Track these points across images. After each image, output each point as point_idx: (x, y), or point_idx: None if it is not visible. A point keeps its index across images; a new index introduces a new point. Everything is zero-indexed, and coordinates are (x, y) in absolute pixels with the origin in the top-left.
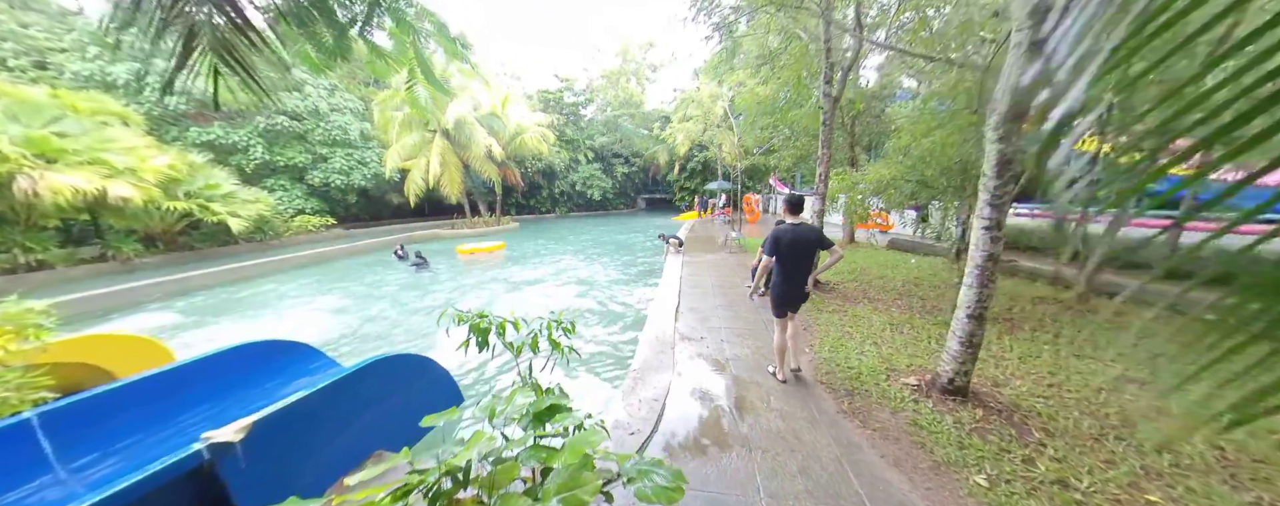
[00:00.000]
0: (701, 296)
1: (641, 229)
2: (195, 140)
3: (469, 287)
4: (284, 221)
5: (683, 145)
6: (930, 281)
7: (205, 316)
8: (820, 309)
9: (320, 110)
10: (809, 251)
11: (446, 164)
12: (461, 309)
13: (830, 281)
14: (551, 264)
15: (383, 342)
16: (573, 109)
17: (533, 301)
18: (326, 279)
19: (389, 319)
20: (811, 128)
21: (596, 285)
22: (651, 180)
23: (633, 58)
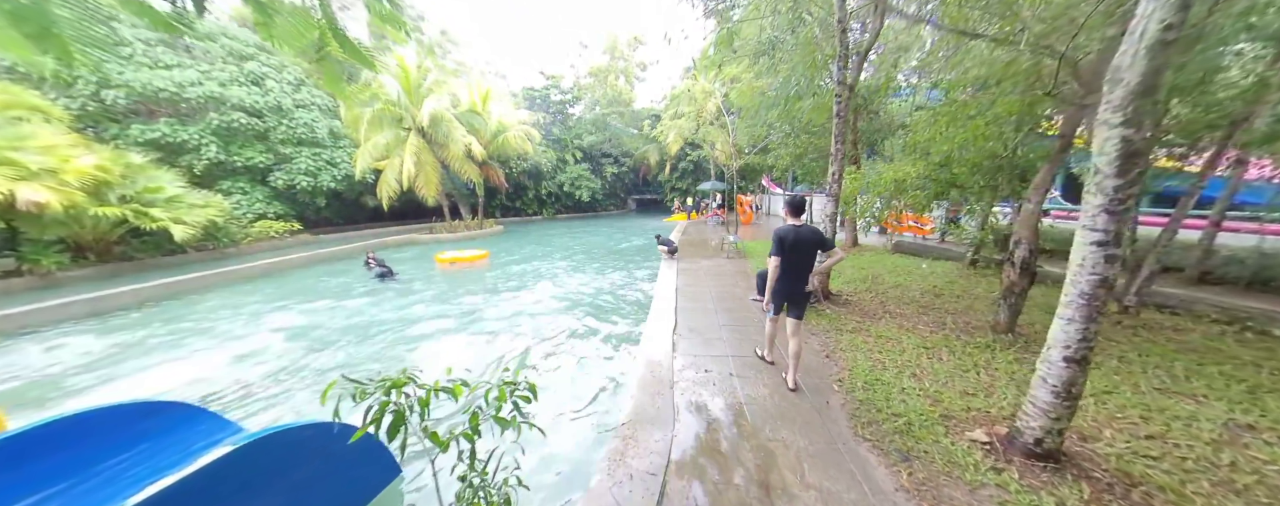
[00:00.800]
0: (702, 312)
1: (635, 232)
2: (138, 138)
3: (435, 304)
4: (241, 227)
5: (674, 144)
6: (951, 291)
7: (117, 346)
8: (839, 328)
9: (283, 106)
10: (810, 252)
11: (422, 164)
12: (354, 379)
13: (842, 292)
14: (537, 276)
15: (312, 388)
16: (560, 107)
17: (512, 327)
18: (280, 293)
19: (336, 346)
20: (814, 123)
21: (587, 303)
22: (642, 180)
23: (621, 54)
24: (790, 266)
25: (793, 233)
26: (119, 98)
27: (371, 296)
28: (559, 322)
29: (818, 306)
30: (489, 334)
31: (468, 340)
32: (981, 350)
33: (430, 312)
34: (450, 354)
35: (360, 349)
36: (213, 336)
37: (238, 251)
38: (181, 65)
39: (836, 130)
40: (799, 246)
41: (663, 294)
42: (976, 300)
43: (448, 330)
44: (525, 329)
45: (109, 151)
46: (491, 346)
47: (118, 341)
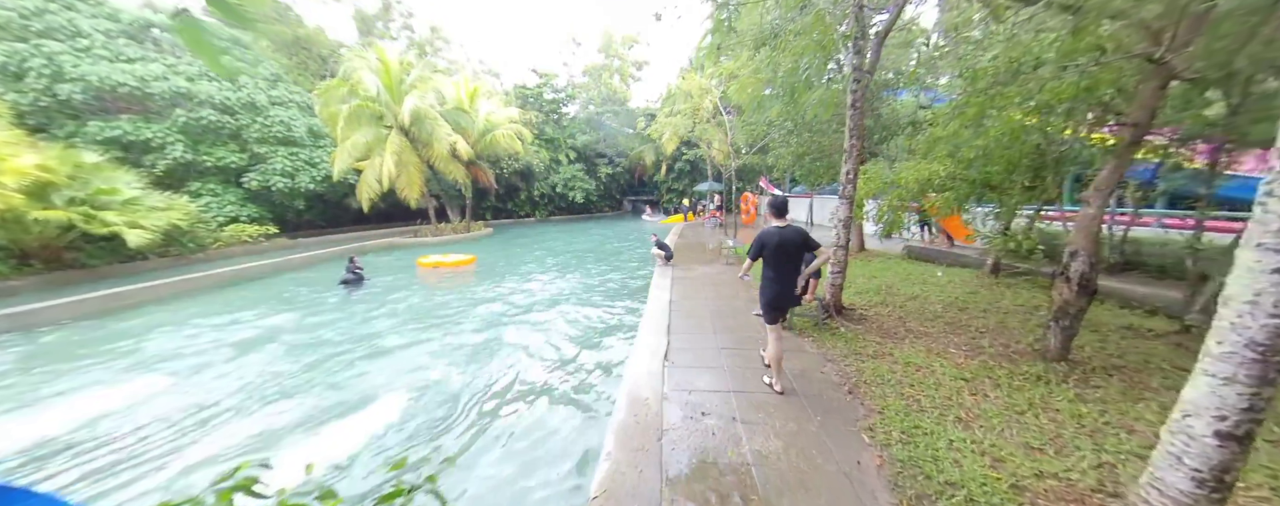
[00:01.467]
0: (698, 331)
1: (631, 235)
2: (96, 136)
3: (401, 318)
4: (210, 231)
5: (670, 143)
6: (975, 304)
7: (18, 369)
8: (859, 351)
9: (258, 103)
10: (796, 254)
11: (404, 164)
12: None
13: (856, 305)
14: (520, 285)
15: (208, 444)
16: (553, 106)
17: (477, 354)
18: (233, 306)
19: (260, 383)
20: (819, 119)
21: (570, 319)
22: (638, 181)
23: (616, 53)
24: (779, 270)
25: (776, 235)
26: (75, 92)
27: (335, 309)
28: (533, 345)
29: (830, 323)
30: (449, 360)
31: (418, 372)
32: (1032, 383)
33: (389, 329)
34: (392, 393)
35: (293, 380)
36: (133, 361)
37: (206, 257)
38: (146, 59)
39: (851, 123)
40: (784, 249)
41: (654, 309)
42: (1007, 315)
43: (399, 357)
44: (492, 355)
45: (57, 150)
46: (446, 382)
47: (20, 366)
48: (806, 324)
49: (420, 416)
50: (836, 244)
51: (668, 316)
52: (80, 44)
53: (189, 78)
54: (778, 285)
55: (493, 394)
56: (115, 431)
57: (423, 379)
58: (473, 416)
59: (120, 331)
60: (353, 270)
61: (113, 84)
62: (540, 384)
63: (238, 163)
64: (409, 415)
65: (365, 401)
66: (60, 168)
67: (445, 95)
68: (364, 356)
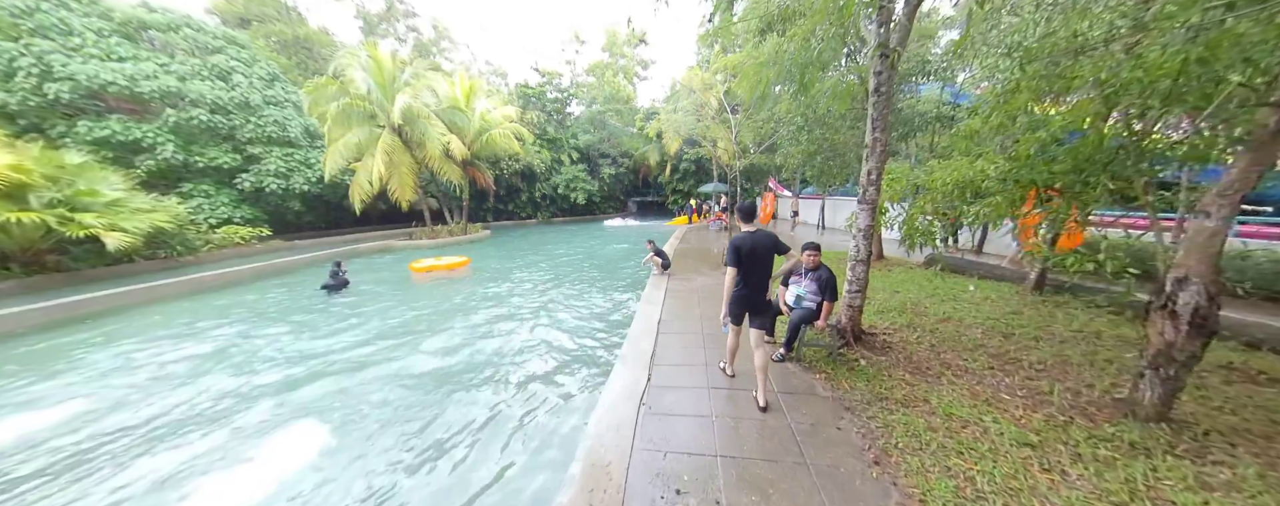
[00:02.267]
0: (687, 362)
1: (634, 238)
2: (86, 136)
3: (371, 330)
4: (200, 233)
5: (673, 142)
6: (1022, 329)
7: None
8: (884, 395)
9: (252, 103)
10: (767, 257)
11: (396, 164)
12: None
13: (877, 328)
14: (511, 292)
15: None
16: (557, 106)
17: (440, 381)
18: (203, 313)
19: (173, 417)
20: (831, 115)
21: (553, 343)
22: (643, 182)
23: (620, 51)
24: (749, 275)
25: (748, 240)
26: (62, 92)
27: (297, 322)
28: (497, 375)
29: (848, 354)
30: (405, 384)
31: (365, 402)
32: (1127, 455)
33: (342, 348)
34: (286, 442)
35: (217, 405)
36: (54, 384)
37: (196, 260)
38: (137, 58)
39: (874, 113)
40: (756, 253)
41: (639, 331)
42: (1064, 345)
43: (351, 379)
44: (440, 387)
45: (37, 150)
46: (392, 423)
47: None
48: (819, 355)
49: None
50: (855, 258)
51: (654, 341)
52: (71, 43)
53: (180, 77)
54: (749, 290)
55: (420, 448)
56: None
57: (338, 419)
58: (380, 477)
59: (64, 345)
60: (332, 276)
61: (101, 83)
62: (484, 436)
63: (230, 163)
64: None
65: (293, 436)
66: (38, 168)
67: (440, 93)
68: (318, 373)
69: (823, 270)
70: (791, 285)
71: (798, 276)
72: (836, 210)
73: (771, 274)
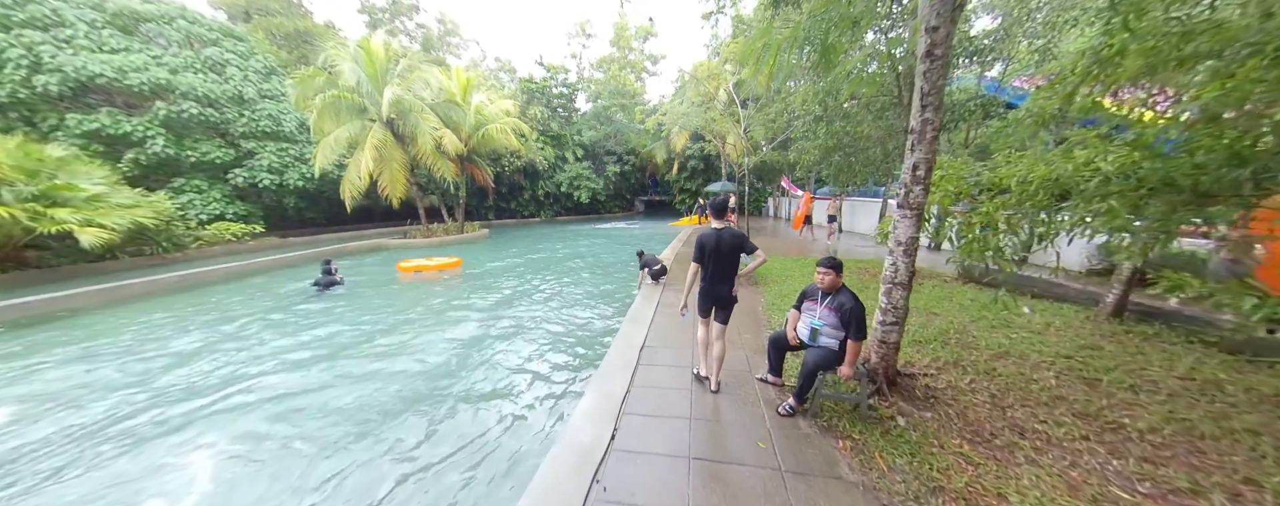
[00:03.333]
0: (665, 410)
1: (637, 240)
2: (75, 130)
3: (326, 340)
4: (189, 230)
5: (680, 138)
6: (1110, 373)
7: None
8: (936, 484)
9: (246, 97)
10: (732, 255)
11: (386, 160)
12: None
13: (915, 367)
14: (497, 301)
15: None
16: (562, 101)
17: (389, 413)
18: (159, 319)
19: (69, 431)
20: (855, 105)
21: (532, 360)
22: (650, 180)
23: (628, 45)
24: (713, 270)
25: (714, 237)
26: (51, 84)
27: (254, 331)
28: (447, 408)
29: (880, 408)
30: (319, 415)
31: (270, 437)
32: None
33: (290, 363)
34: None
35: (93, 436)
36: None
37: (185, 257)
38: (129, 49)
39: (924, 85)
40: (720, 251)
41: (614, 363)
42: (1176, 399)
43: (275, 407)
44: (375, 424)
45: (13, 143)
46: (266, 476)
47: None
48: (842, 410)
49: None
50: (891, 280)
51: (630, 377)
52: (63, 34)
53: (172, 69)
54: (714, 286)
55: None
56: None
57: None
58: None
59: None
60: (324, 274)
61: (89, 75)
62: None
63: (223, 158)
64: None
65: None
66: (15, 162)
67: (434, 86)
68: (238, 397)
69: (844, 295)
70: (804, 311)
71: (812, 301)
72: (853, 213)
73: (736, 272)
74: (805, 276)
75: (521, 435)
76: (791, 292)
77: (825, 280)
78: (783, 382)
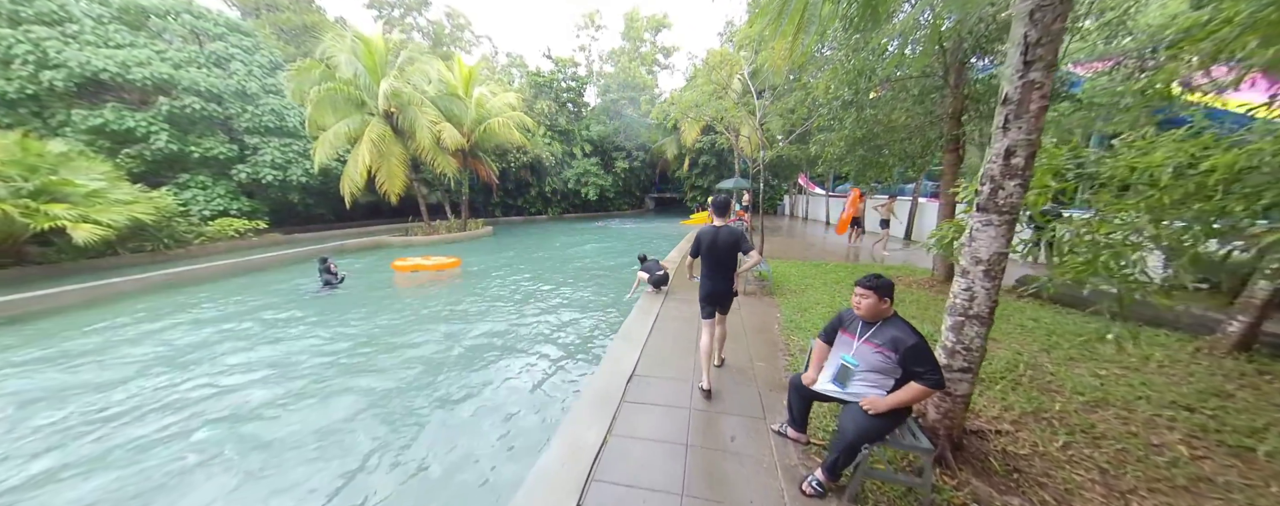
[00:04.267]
0: (658, 482)
1: (644, 240)
2: (80, 125)
3: (284, 350)
4: (192, 226)
5: (691, 130)
6: (1258, 432)
7: None
8: None
9: (249, 91)
10: (729, 253)
11: (385, 155)
12: None
13: (980, 417)
14: (492, 308)
15: None
16: (571, 96)
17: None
18: (121, 325)
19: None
20: (888, 94)
21: (525, 367)
22: (660, 177)
23: (639, 36)
24: (712, 267)
25: (711, 234)
26: (56, 79)
27: (223, 335)
28: (393, 455)
29: (945, 488)
30: (264, 445)
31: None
32: None
33: (251, 381)
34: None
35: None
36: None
37: (187, 253)
38: (134, 44)
39: (1031, 33)
40: (717, 247)
41: (596, 394)
42: None
43: (212, 433)
44: (300, 472)
45: (13, 138)
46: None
47: None
48: (893, 495)
49: None
50: (965, 311)
51: (609, 422)
52: (69, 29)
53: (175, 64)
54: (711, 282)
55: None
56: None
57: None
58: None
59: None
60: (327, 272)
61: (93, 70)
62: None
63: (226, 154)
64: None
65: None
66: (13, 157)
67: (433, 77)
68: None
69: (896, 327)
70: (837, 345)
71: (847, 333)
72: (920, 217)
73: (734, 270)
74: (828, 284)
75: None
76: (814, 306)
77: (865, 304)
78: (807, 439)
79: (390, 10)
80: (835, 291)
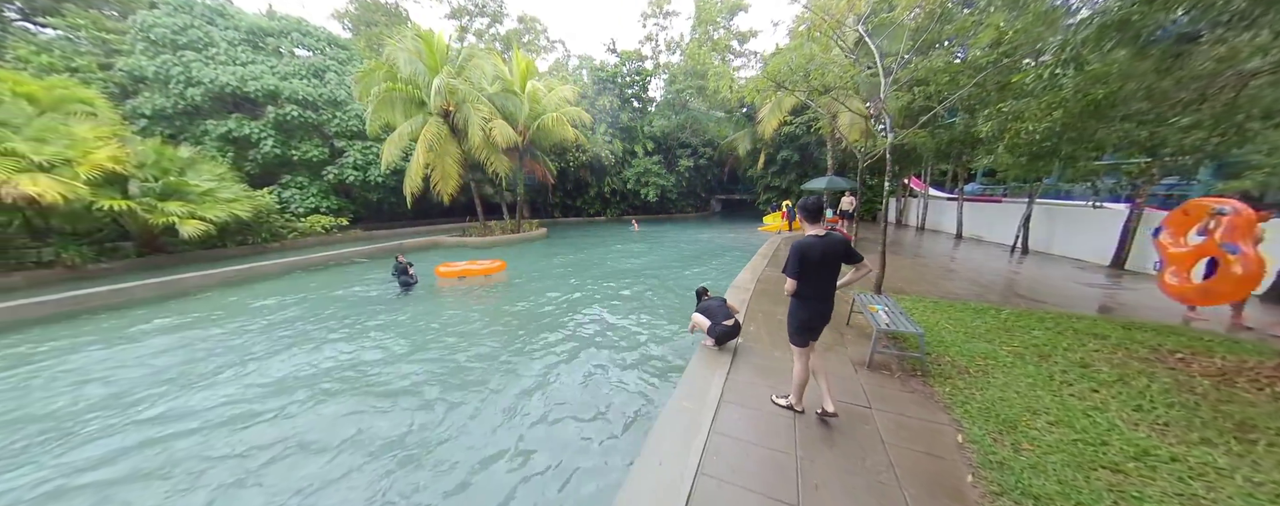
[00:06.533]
0: None
1: (704, 252)
2: (212, 133)
3: (278, 376)
4: (285, 222)
5: (771, 119)
6: None
7: None
8: None
9: (339, 99)
10: (835, 267)
11: (440, 153)
12: None
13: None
14: (517, 329)
15: None
16: (638, 86)
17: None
18: (168, 326)
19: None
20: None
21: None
22: (729, 175)
23: (712, 18)
24: (818, 285)
25: (818, 246)
26: (196, 94)
27: (237, 344)
28: None
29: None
30: None
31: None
32: None
33: (238, 414)
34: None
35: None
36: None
37: (281, 247)
38: (254, 62)
39: None
40: (827, 262)
41: None
42: None
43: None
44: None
45: (151, 145)
46: None
47: None
48: None
49: None
50: None
51: None
52: (210, 52)
53: (282, 76)
54: (819, 304)
55: None
56: None
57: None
58: None
59: (65, 347)
60: (402, 272)
61: (220, 85)
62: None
63: (319, 156)
64: None
65: None
66: (125, 159)
67: (488, 73)
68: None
69: None
70: None
71: None
72: (1054, 224)
73: (835, 285)
74: (1028, 354)
75: None
76: (1022, 406)
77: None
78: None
79: (470, 20)
80: (1047, 370)
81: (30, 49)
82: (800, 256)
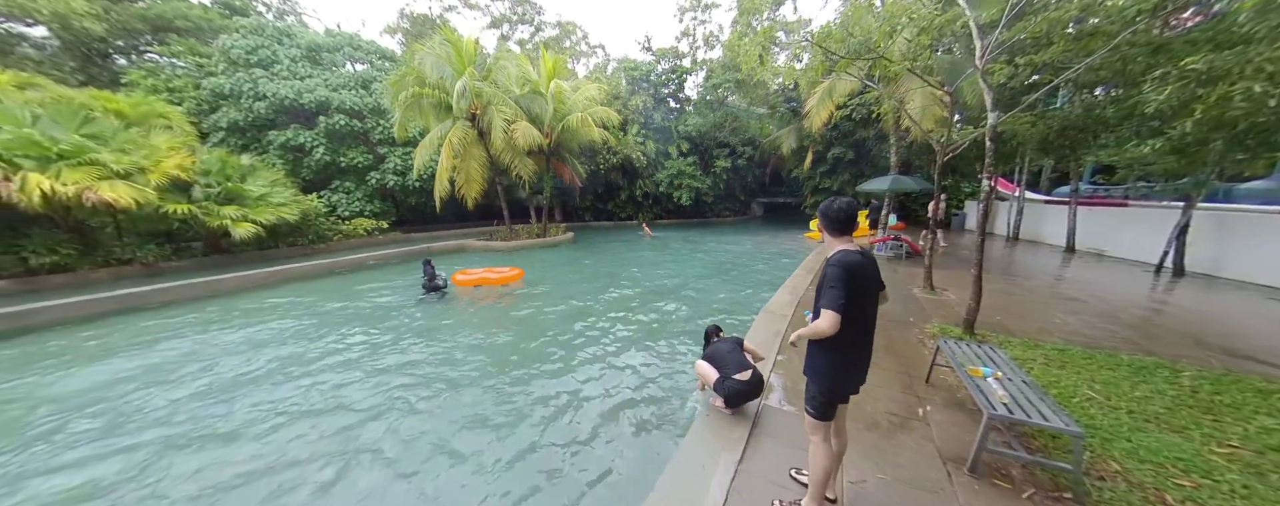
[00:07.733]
0: None
1: (747, 258)
2: (273, 143)
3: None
4: (331, 225)
5: (821, 111)
6: None
7: None
8: None
9: (383, 107)
10: (875, 298)
11: (465, 156)
12: None
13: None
14: (506, 353)
15: None
16: (676, 82)
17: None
18: (190, 330)
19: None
20: None
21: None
22: (772, 176)
23: (755, 8)
24: (863, 325)
25: (862, 266)
26: (260, 107)
27: (236, 362)
28: None
29: None
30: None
31: None
32: None
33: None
34: None
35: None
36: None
37: (327, 248)
38: (312, 76)
39: None
40: (872, 292)
41: None
42: None
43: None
44: None
45: (220, 153)
46: None
47: None
48: None
49: None
50: None
51: None
52: (274, 68)
53: (332, 87)
54: (859, 354)
55: None
56: None
57: None
58: None
59: (94, 347)
60: (429, 277)
61: (280, 98)
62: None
63: (364, 162)
64: None
65: None
66: (189, 165)
67: (512, 73)
68: None
69: None
70: None
71: None
72: (1222, 238)
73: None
74: (1271, 464)
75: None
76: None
77: None
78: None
79: (511, 28)
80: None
81: (139, 73)
82: (846, 278)
